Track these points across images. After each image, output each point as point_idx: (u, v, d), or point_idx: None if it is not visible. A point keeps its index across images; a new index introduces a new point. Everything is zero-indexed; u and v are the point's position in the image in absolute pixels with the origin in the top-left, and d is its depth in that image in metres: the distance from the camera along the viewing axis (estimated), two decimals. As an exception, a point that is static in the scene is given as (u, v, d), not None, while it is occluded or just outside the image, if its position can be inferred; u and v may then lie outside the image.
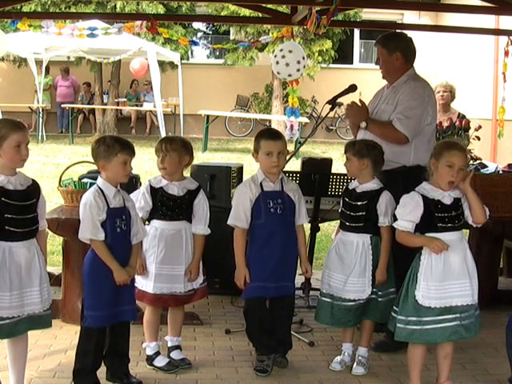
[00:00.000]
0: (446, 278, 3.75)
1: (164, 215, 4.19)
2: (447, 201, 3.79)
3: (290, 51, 6.82)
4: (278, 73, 7.12)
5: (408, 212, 3.80)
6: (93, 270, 3.79)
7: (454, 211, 3.79)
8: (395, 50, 4.76)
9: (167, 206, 4.19)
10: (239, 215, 4.20)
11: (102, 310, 3.78)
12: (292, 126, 8.35)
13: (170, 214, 4.19)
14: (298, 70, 6.87)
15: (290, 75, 7.00)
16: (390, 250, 4.19)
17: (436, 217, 3.77)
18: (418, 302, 3.76)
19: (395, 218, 3.90)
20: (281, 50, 6.87)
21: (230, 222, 4.22)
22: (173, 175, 4.22)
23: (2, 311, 3.46)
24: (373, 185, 4.24)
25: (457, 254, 3.77)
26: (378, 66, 4.91)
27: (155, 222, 4.21)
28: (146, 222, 4.25)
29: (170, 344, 4.37)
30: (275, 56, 6.93)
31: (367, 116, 4.73)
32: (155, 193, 4.18)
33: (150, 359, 4.27)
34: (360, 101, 4.79)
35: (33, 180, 3.64)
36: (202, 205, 4.27)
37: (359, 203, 4.22)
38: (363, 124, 4.71)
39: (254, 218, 4.18)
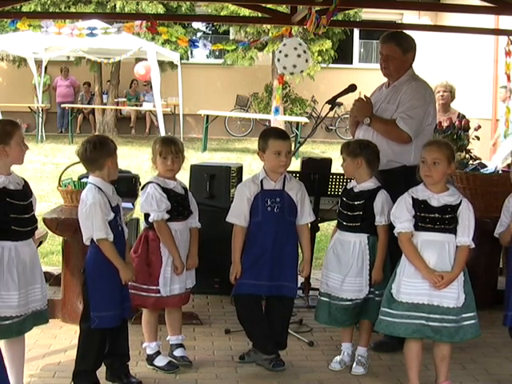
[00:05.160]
0: (417, 276, 3.80)
1: (180, 215, 4.19)
2: (434, 203, 3.81)
3: (300, 44, 6.71)
4: (286, 67, 6.89)
5: (402, 213, 3.85)
6: (99, 271, 3.79)
7: (439, 214, 3.80)
8: (409, 50, 4.77)
9: (184, 206, 4.21)
10: (236, 213, 4.24)
11: (110, 310, 3.80)
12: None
13: (185, 214, 4.22)
14: (307, 61, 6.78)
15: (294, 66, 6.85)
16: (387, 249, 4.20)
17: (417, 216, 3.81)
18: (392, 295, 3.86)
19: (392, 225, 3.93)
20: (284, 45, 6.75)
21: (228, 219, 4.27)
22: (175, 175, 4.24)
23: (12, 310, 3.50)
24: (370, 184, 4.24)
25: (431, 253, 3.80)
26: (377, 66, 4.89)
27: (172, 224, 4.17)
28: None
29: (173, 342, 4.37)
30: (280, 51, 6.78)
31: (371, 112, 4.72)
32: (167, 194, 4.14)
33: (150, 359, 4.27)
34: (365, 96, 4.78)
35: (23, 179, 3.68)
36: (193, 199, 4.33)
37: (356, 203, 4.23)
38: (367, 120, 4.70)
39: (252, 216, 4.21)
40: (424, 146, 3.95)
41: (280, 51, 6.52)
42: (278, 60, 6.51)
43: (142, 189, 4.25)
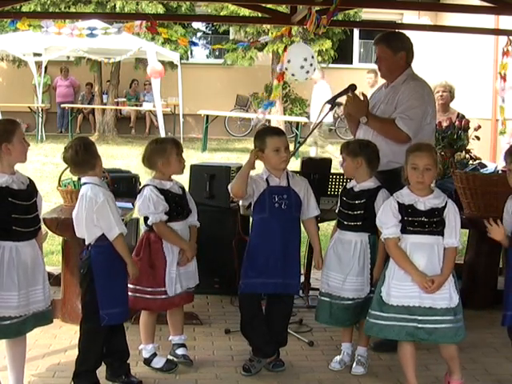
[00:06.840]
0: (407, 279, 3.79)
1: (179, 214, 4.19)
2: (421, 206, 3.81)
3: (305, 59, 6.61)
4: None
5: (388, 219, 3.85)
6: (107, 269, 3.80)
7: (426, 217, 3.79)
8: (400, 50, 4.75)
9: (182, 206, 4.21)
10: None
11: (118, 306, 3.83)
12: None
13: (184, 213, 4.21)
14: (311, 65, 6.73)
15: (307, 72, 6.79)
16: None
17: (405, 220, 3.81)
18: (382, 298, 3.85)
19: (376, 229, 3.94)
20: (305, 60, 6.58)
21: (229, 186, 4.25)
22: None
23: (11, 311, 3.49)
24: (370, 183, 4.25)
25: (421, 256, 3.79)
26: (377, 66, 4.88)
27: (171, 224, 4.17)
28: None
29: (175, 342, 4.37)
30: (301, 67, 6.60)
31: (368, 110, 4.71)
32: (165, 195, 4.14)
33: (147, 362, 4.27)
34: (362, 94, 4.76)
35: (29, 178, 3.67)
36: (191, 198, 4.33)
37: (357, 202, 4.23)
38: (364, 119, 4.68)
39: (258, 211, 4.20)
40: (412, 151, 3.88)
41: (309, 64, 6.43)
42: (307, 72, 6.44)
43: (139, 192, 4.24)
